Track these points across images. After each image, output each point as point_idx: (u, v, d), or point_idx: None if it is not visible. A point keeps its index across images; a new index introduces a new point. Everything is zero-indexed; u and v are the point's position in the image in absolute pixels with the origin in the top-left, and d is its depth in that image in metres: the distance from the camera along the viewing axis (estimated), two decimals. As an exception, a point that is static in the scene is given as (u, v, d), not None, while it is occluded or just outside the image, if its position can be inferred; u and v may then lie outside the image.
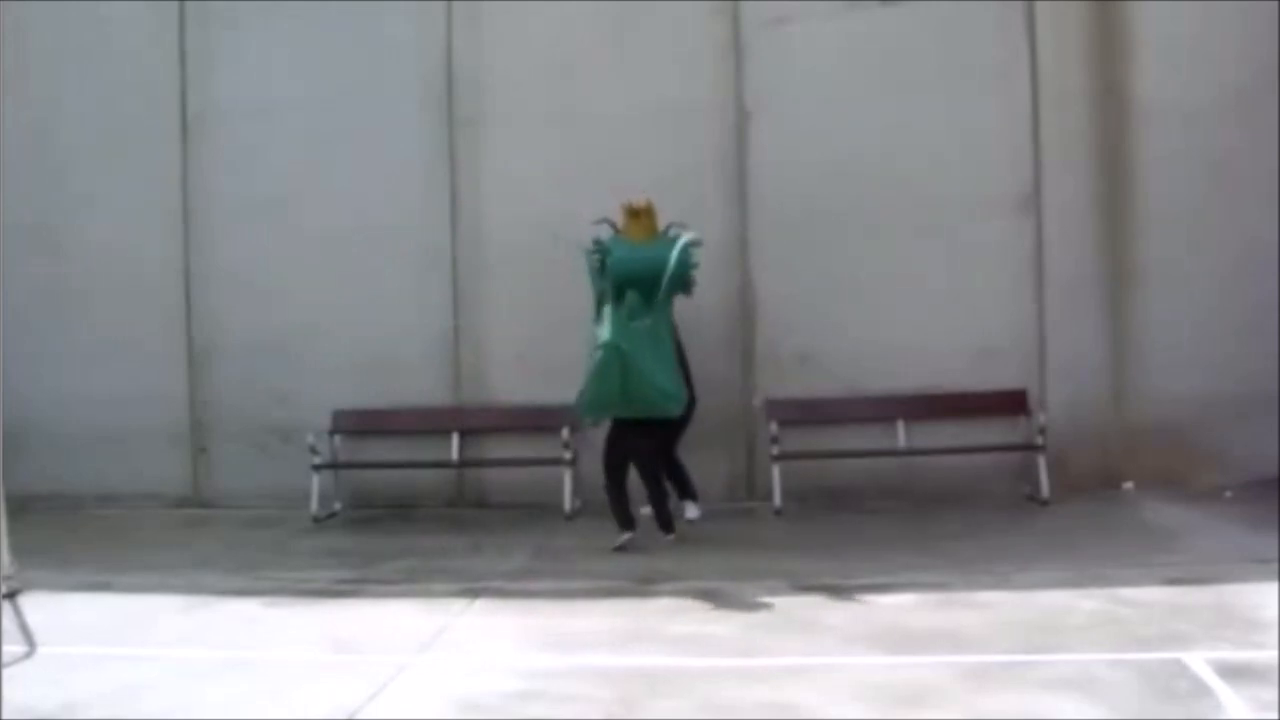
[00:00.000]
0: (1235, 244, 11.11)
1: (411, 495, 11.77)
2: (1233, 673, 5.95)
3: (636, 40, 11.73)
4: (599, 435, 11.57)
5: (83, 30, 12.26)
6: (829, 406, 11.40)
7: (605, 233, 9.79)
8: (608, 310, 9.34)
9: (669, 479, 10.25)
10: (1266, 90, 11.06)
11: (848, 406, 11.39)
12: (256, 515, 11.42)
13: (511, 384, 11.82)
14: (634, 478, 9.79)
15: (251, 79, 12.05)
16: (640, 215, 9.85)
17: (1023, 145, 11.44)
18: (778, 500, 10.98)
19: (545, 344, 11.62)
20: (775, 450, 11.09)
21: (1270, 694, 5.64)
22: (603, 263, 9.54)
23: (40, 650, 6.59)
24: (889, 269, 11.43)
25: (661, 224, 9.93)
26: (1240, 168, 11.14)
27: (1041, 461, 10.86)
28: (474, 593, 8.19)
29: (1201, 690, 5.79)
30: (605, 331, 9.30)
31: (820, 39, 11.61)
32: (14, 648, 6.68)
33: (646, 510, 9.94)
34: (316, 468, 11.39)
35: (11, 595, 7.22)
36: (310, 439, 11.39)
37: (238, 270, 12.05)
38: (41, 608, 7.35)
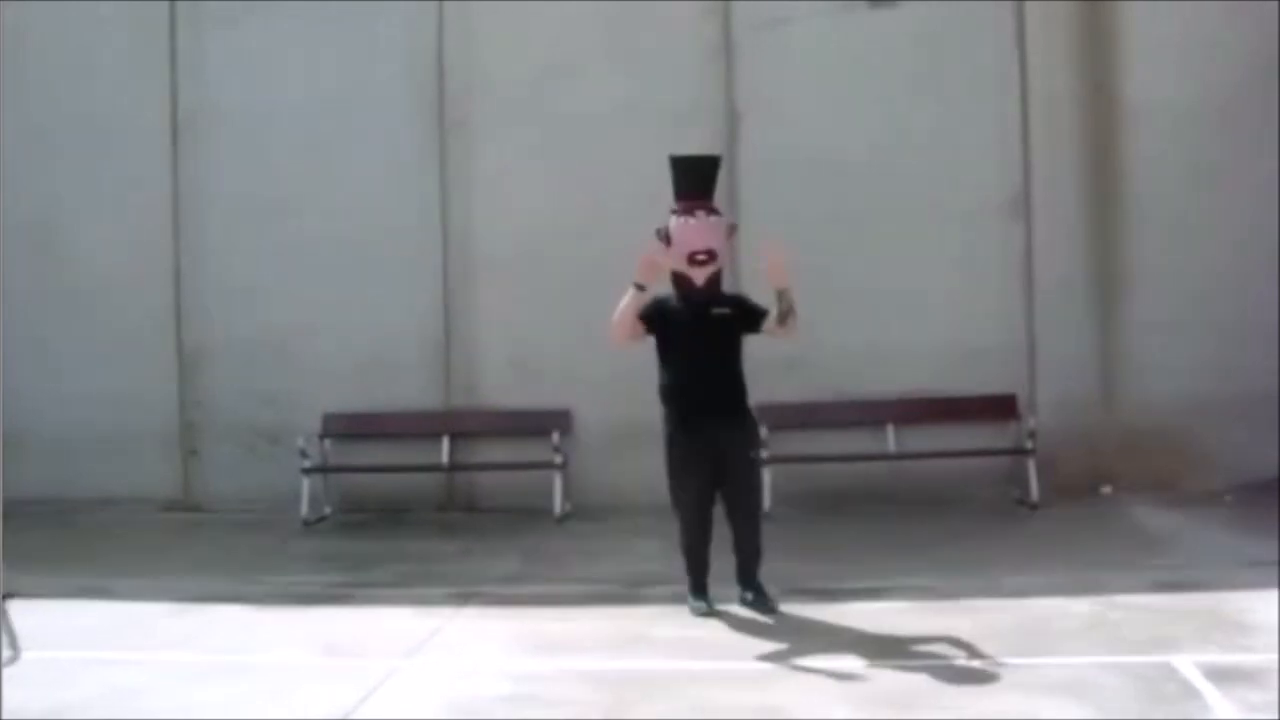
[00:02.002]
0: (1225, 246, 11.15)
1: (402, 499, 11.75)
2: (1221, 675, 5.97)
3: (627, 42, 11.74)
4: (590, 438, 11.64)
5: (76, 31, 12.23)
6: (818, 411, 11.41)
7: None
8: None
9: None
10: (1257, 91, 11.10)
11: (837, 410, 11.41)
12: (246, 519, 11.41)
13: (502, 388, 11.82)
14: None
15: (243, 81, 12.04)
16: None
17: (1012, 147, 11.47)
18: (768, 504, 10.96)
19: (536, 347, 11.66)
20: (765, 455, 11.07)
21: (1258, 696, 5.67)
22: None
23: (30, 655, 6.56)
24: (878, 272, 11.45)
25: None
26: (1231, 169, 11.18)
27: (1031, 465, 10.89)
28: (465, 597, 8.19)
29: (1190, 693, 5.82)
30: None
31: (811, 41, 11.63)
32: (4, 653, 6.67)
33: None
34: (307, 471, 11.38)
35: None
36: (300, 442, 11.39)
37: (228, 272, 12.04)
38: (31, 612, 7.33)
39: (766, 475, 10.99)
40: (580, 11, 11.71)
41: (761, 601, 7.60)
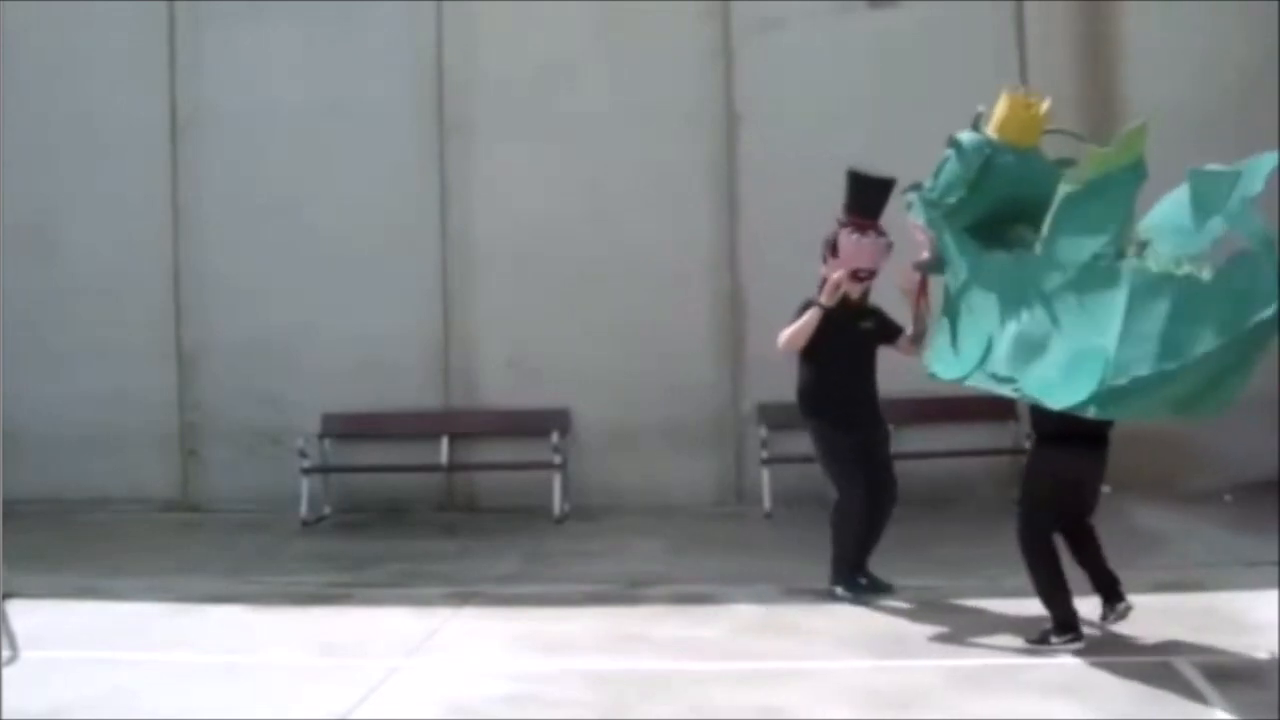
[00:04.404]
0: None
1: (401, 499, 11.75)
2: (1220, 675, 5.99)
3: (627, 43, 11.73)
4: (589, 438, 11.64)
5: (75, 31, 12.21)
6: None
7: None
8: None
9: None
10: (1258, 93, 11.09)
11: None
12: (245, 519, 11.39)
13: (501, 388, 11.82)
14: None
15: (242, 81, 12.02)
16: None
17: (1012, 149, 11.44)
18: (767, 504, 11.00)
19: (535, 348, 11.65)
20: (764, 454, 11.10)
21: (1256, 696, 5.68)
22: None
23: (29, 655, 6.58)
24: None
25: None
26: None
27: (1030, 465, 10.87)
28: (464, 597, 8.19)
29: (1190, 693, 5.84)
30: None
31: (810, 42, 11.62)
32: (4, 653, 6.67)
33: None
34: (306, 471, 11.38)
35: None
36: (300, 442, 11.39)
37: (227, 272, 12.02)
38: (31, 612, 7.34)
39: (766, 476, 11.06)
40: (580, 12, 11.71)
41: (877, 583, 7.94)
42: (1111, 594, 6.97)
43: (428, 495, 11.89)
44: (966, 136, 7.01)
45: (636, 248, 11.55)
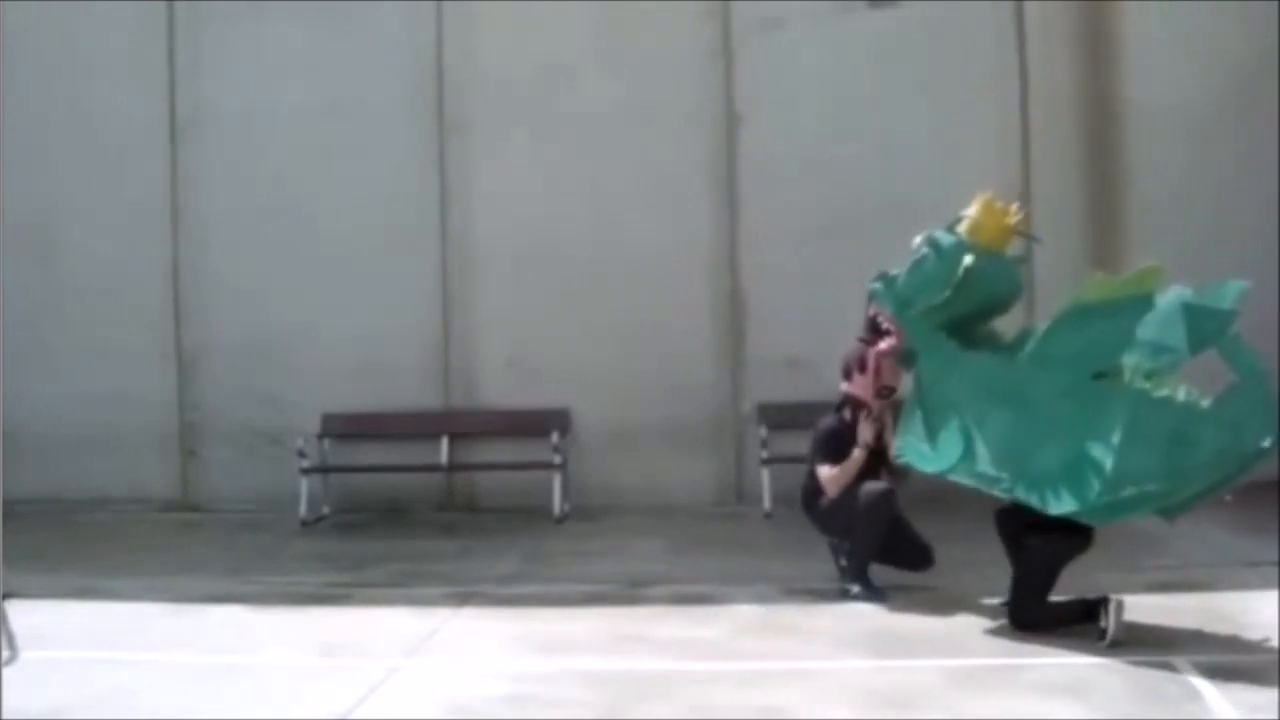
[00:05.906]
0: (1226, 247, 11.11)
1: (401, 499, 11.75)
2: (1220, 675, 5.98)
3: (626, 43, 11.74)
4: (589, 438, 11.65)
5: (76, 31, 12.22)
6: (819, 410, 11.29)
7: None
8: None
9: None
10: (1258, 92, 11.10)
11: (837, 410, 11.39)
12: (245, 519, 11.40)
13: (501, 388, 11.82)
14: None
15: (242, 81, 12.03)
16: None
17: (1012, 149, 11.46)
18: (767, 504, 10.99)
19: (534, 347, 11.65)
20: (764, 454, 11.10)
21: (1257, 696, 5.68)
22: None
23: (29, 655, 6.57)
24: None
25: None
26: (1231, 170, 11.17)
27: (1030, 465, 10.86)
28: (464, 597, 8.19)
29: (1190, 693, 5.83)
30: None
31: (810, 42, 11.63)
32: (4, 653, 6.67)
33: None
34: (305, 471, 11.38)
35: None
36: (299, 442, 11.38)
37: (227, 273, 12.03)
38: (31, 612, 7.33)
39: (765, 476, 11.06)
40: (580, 12, 11.72)
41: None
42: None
43: (428, 495, 11.89)
44: (944, 237, 7.35)
45: (636, 248, 11.55)
